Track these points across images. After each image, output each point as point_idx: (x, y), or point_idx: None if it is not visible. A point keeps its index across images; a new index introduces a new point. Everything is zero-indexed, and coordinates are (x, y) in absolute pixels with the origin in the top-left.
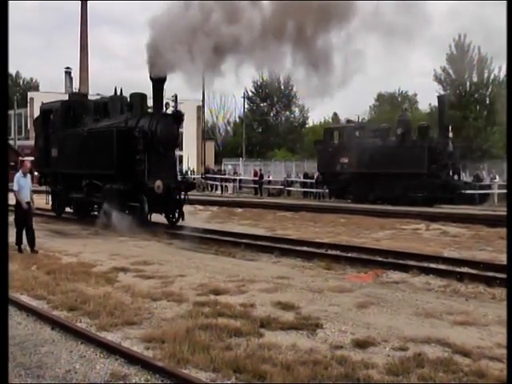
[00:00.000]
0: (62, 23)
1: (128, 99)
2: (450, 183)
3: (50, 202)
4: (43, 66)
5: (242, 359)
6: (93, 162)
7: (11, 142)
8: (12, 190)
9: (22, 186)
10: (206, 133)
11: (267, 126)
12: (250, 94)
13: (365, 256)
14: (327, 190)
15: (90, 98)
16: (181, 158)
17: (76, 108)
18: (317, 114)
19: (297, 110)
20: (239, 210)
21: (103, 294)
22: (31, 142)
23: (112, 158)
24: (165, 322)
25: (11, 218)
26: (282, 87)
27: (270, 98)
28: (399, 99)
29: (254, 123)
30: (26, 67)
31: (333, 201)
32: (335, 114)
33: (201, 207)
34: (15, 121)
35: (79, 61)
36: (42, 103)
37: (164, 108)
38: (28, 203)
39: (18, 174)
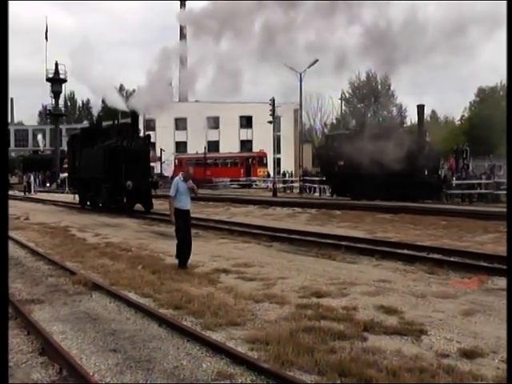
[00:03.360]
0: (161, 34)
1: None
2: (424, 182)
3: (78, 199)
4: (143, 78)
5: (346, 363)
6: (96, 170)
7: None
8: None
9: (182, 192)
10: (303, 135)
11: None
12: (347, 95)
13: (468, 260)
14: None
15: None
16: (278, 160)
17: (91, 133)
18: (415, 113)
19: (394, 110)
20: (338, 212)
21: (206, 295)
22: None
23: (105, 166)
24: (268, 324)
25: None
26: (379, 87)
27: (367, 98)
28: (501, 93)
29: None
30: (129, 80)
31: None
32: (433, 112)
33: (299, 209)
34: None
35: (178, 71)
36: (71, 131)
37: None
38: (188, 212)
39: (178, 178)
